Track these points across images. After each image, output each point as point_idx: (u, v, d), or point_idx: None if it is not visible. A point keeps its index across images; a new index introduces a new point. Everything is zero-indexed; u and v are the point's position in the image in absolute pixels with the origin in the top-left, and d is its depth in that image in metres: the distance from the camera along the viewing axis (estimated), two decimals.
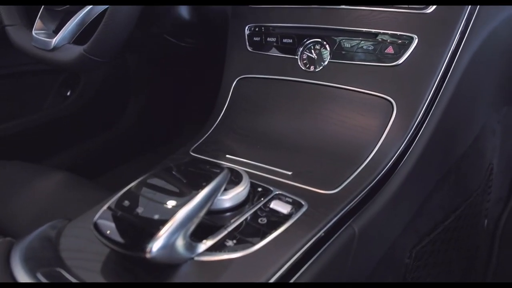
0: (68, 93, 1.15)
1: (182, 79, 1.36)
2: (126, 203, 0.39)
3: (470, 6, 0.53)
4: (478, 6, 0.54)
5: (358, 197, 0.47)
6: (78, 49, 0.65)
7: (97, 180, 1.15)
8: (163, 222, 0.36)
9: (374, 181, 0.49)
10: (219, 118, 0.65)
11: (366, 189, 0.48)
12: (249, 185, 0.46)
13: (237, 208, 0.45)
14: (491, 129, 0.73)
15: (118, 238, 0.37)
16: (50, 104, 1.14)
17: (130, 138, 1.32)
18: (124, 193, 0.41)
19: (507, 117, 0.77)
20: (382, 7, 0.56)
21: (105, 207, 0.40)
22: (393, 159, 0.50)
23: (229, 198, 0.44)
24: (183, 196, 0.39)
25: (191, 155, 0.59)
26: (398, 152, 0.51)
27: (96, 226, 0.39)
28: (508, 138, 0.82)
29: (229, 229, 0.42)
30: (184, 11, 0.79)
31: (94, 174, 1.17)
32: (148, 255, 0.35)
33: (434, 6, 0.54)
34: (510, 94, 0.72)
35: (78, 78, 1.17)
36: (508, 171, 0.88)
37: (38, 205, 0.66)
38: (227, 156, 0.57)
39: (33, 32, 0.72)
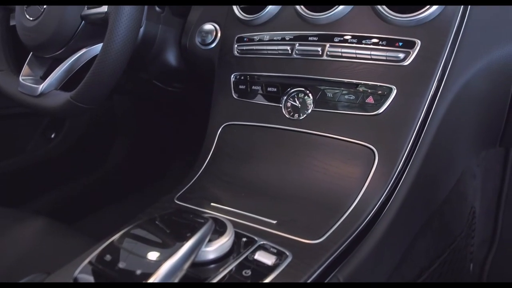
0: (53, 136, 1.15)
1: (168, 123, 1.37)
2: (108, 257, 0.38)
3: (444, 58, 0.56)
4: (452, 59, 0.57)
5: (342, 246, 0.47)
6: (64, 96, 0.65)
7: (79, 224, 1.12)
8: (146, 277, 0.35)
9: (358, 230, 0.49)
10: (204, 165, 0.65)
11: (350, 238, 0.48)
12: (233, 235, 0.45)
13: (221, 260, 0.44)
14: (471, 173, 0.74)
15: None
16: (33, 147, 1.13)
17: (114, 181, 1.30)
18: (106, 246, 0.40)
19: (486, 161, 0.79)
20: (362, 60, 0.59)
21: (86, 262, 0.39)
22: (376, 207, 0.51)
23: (214, 249, 0.43)
24: (166, 248, 0.38)
25: (176, 202, 0.59)
26: (380, 200, 0.51)
27: (76, 281, 0.38)
28: (488, 181, 0.84)
29: (213, 282, 0.42)
30: (171, 58, 0.81)
31: (76, 217, 1.14)
32: None
33: (411, 59, 0.56)
34: (487, 139, 0.74)
35: (63, 120, 1.16)
36: (491, 213, 0.89)
37: (15, 255, 0.64)
38: (212, 204, 0.57)
39: (20, 78, 0.73)
